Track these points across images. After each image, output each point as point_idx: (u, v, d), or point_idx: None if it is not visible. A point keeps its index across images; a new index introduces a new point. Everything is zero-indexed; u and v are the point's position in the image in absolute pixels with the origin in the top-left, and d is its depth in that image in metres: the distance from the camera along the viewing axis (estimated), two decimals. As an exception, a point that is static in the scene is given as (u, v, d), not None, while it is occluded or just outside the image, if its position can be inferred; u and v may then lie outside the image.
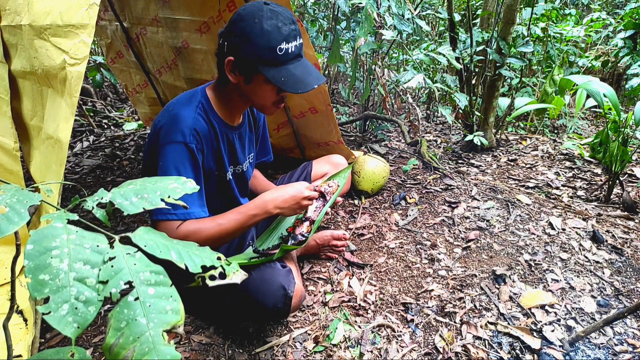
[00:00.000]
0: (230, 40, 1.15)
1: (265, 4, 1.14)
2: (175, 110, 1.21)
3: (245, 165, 1.49)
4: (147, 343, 0.48)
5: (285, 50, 1.14)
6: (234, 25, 1.14)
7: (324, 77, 1.28)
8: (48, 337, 1.38)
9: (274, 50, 1.12)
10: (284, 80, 1.16)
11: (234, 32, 1.14)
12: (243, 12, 1.14)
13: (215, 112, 1.29)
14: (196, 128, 1.19)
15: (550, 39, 3.76)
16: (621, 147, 2.11)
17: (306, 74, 1.20)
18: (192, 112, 1.21)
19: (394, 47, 3.51)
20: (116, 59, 2.83)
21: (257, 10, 1.12)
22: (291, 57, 1.17)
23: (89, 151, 3.12)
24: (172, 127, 1.18)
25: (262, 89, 1.21)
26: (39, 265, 0.49)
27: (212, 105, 1.28)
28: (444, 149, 3.12)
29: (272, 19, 1.11)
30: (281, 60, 1.15)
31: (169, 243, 0.60)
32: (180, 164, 1.17)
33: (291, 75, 1.17)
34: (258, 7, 1.13)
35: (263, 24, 1.10)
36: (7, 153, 1.27)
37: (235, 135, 1.38)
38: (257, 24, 1.10)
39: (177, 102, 1.26)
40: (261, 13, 1.11)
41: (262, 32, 1.10)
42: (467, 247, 1.84)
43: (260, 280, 1.26)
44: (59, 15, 1.08)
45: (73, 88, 1.05)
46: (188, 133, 1.18)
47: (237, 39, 1.14)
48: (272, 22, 1.11)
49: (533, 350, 1.31)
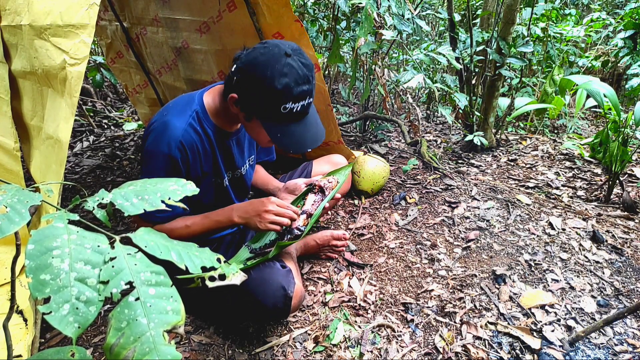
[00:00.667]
0: (240, 80, 1.12)
1: (285, 55, 1.08)
2: (167, 117, 1.21)
3: (244, 169, 1.49)
4: (148, 343, 0.48)
5: (289, 109, 1.11)
6: (248, 67, 1.10)
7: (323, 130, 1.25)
8: (48, 337, 1.38)
9: (278, 108, 1.10)
10: (279, 137, 1.16)
11: (245, 74, 1.11)
12: (260, 58, 1.09)
13: (211, 120, 1.28)
14: (183, 141, 1.20)
15: (550, 39, 3.77)
16: (621, 147, 2.11)
17: (305, 133, 1.18)
18: (184, 123, 1.21)
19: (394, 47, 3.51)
20: (116, 59, 2.83)
21: (274, 61, 1.07)
22: (295, 116, 1.14)
23: (89, 151, 3.12)
24: (161, 135, 1.19)
25: (259, 130, 1.20)
26: (40, 265, 0.49)
27: (208, 113, 1.27)
28: (444, 149, 3.12)
29: (287, 77, 1.07)
30: (283, 118, 1.13)
31: (169, 244, 0.60)
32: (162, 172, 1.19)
33: (289, 134, 1.16)
34: (277, 58, 1.07)
35: (275, 82, 1.06)
36: (7, 153, 1.27)
37: (232, 141, 1.38)
38: (269, 79, 1.06)
39: (173, 107, 1.25)
40: (277, 67, 1.06)
41: (271, 90, 1.07)
42: (467, 247, 1.84)
43: (260, 281, 1.26)
44: (59, 15, 1.08)
45: (73, 88, 1.05)
46: (174, 146, 1.18)
47: (246, 84, 1.11)
48: (284, 80, 1.07)
49: (533, 350, 1.31)
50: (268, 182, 1.72)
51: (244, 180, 1.51)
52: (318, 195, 1.49)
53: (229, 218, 1.30)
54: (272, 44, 1.12)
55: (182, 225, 1.29)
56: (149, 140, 1.20)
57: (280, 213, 1.28)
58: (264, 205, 1.28)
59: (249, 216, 1.29)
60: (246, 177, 1.52)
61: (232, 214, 1.30)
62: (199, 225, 1.30)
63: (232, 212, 1.31)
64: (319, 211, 1.43)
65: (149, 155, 1.20)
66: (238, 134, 1.40)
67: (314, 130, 1.22)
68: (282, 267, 1.35)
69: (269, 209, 1.28)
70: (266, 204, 1.29)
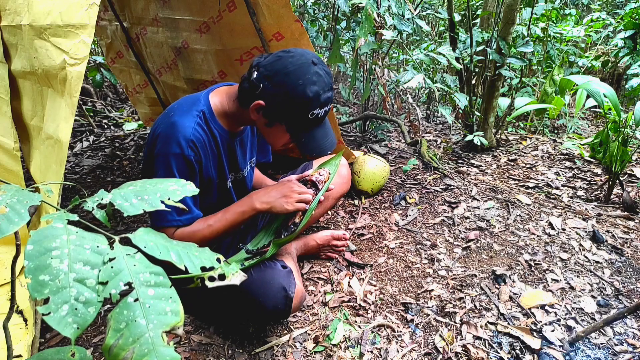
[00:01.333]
0: (267, 88, 1.13)
1: (313, 64, 1.12)
2: (174, 118, 1.19)
3: (246, 170, 1.49)
4: (147, 344, 0.48)
5: (315, 115, 1.16)
6: (277, 76, 1.11)
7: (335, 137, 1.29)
8: (48, 337, 1.38)
9: (307, 115, 1.15)
10: (304, 142, 1.20)
11: (276, 82, 1.12)
12: (290, 67, 1.11)
13: (218, 121, 1.26)
14: (193, 139, 1.17)
15: (550, 39, 3.76)
16: (621, 147, 2.11)
17: (324, 137, 1.24)
18: (191, 122, 1.19)
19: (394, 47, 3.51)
20: (116, 59, 2.83)
21: (305, 70, 1.11)
22: (319, 120, 1.20)
23: (89, 151, 3.12)
24: (170, 137, 1.16)
25: (279, 135, 1.22)
26: (39, 265, 0.49)
27: (214, 114, 1.25)
28: (444, 149, 3.12)
29: (316, 84, 1.11)
30: (309, 122, 1.18)
31: (168, 244, 0.60)
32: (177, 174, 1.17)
33: (312, 138, 1.21)
34: (306, 67, 1.11)
35: (306, 89, 1.10)
36: (7, 153, 1.27)
37: (237, 142, 1.37)
38: (301, 86, 1.10)
39: (178, 108, 1.23)
40: (308, 76, 1.10)
41: (303, 97, 1.11)
42: (467, 247, 1.84)
43: (260, 281, 1.26)
44: (59, 15, 1.08)
45: (73, 88, 1.05)
46: (185, 145, 1.16)
47: (276, 91, 1.12)
48: (315, 88, 1.11)
49: (533, 350, 1.31)
50: (262, 181, 1.73)
51: (245, 182, 1.51)
52: (311, 190, 1.48)
53: (251, 206, 1.27)
54: (297, 52, 1.15)
55: (205, 225, 1.24)
56: (157, 145, 1.16)
57: (302, 192, 1.31)
58: (289, 186, 1.30)
59: (273, 200, 1.28)
60: (247, 178, 1.52)
61: (253, 202, 1.27)
62: (222, 221, 1.25)
63: (253, 200, 1.28)
64: (313, 205, 1.42)
65: (160, 160, 1.16)
66: (242, 135, 1.39)
67: (331, 133, 1.27)
68: (283, 267, 1.35)
69: (294, 189, 1.29)
70: (289, 184, 1.31)
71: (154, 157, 1.17)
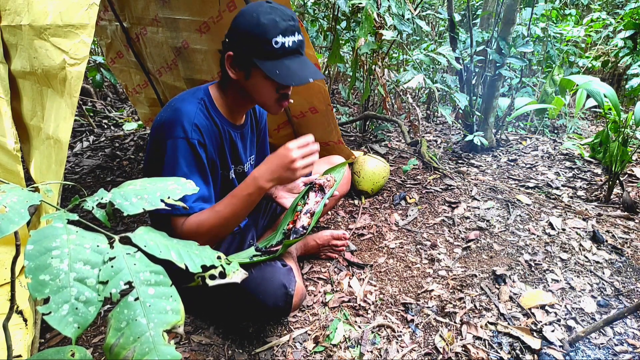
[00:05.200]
0: (230, 36, 1.19)
1: (267, 2, 1.17)
2: (177, 105, 1.22)
3: (247, 166, 1.49)
4: (148, 343, 0.48)
5: (281, 44, 1.15)
6: (235, 22, 1.18)
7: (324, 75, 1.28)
8: (48, 337, 1.38)
9: (270, 42, 1.14)
10: (278, 73, 1.15)
11: (234, 27, 1.18)
12: (244, 10, 1.18)
13: (218, 109, 1.29)
14: (197, 123, 1.19)
15: (550, 39, 3.76)
16: (621, 147, 2.11)
17: (303, 68, 1.19)
18: (194, 107, 1.21)
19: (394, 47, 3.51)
20: (116, 59, 2.82)
21: (257, 6, 1.16)
22: (288, 51, 1.17)
23: (89, 151, 3.12)
24: (174, 121, 1.18)
25: (262, 84, 1.21)
26: (39, 265, 0.49)
27: (215, 103, 1.29)
28: (444, 149, 3.12)
29: (271, 14, 1.14)
30: (277, 53, 1.16)
31: (169, 243, 0.60)
32: (183, 159, 1.17)
33: (286, 68, 1.17)
34: (258, 4, 1.17)
35: (260, 18, 1.14)
36: (7, 153, 1.26)
37: (237, 135, 1.38)
38: (255, 18, 1.14)
39: (179, 98, 1.26)
40: (260, 9, 1.15)
41: (259, 25, 1.13)
42: (467, 247, 1.84)
43: (261, 279, 1.26)
44: (59, 15, 1.08)
45: (73, 88, 1.05)
46: (189, 128, 1.17)
47: (236, 34, 1.17)
48: (269, 16, 1.14)
49: (533, 351, 1.31)
50: None
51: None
52: (319, 193, 1.50)
53: (257, 186, 1.20)
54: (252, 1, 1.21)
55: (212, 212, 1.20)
56: (163, 131, 1.17)
57: (305, 153, 1.22)
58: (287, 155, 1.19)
59: (278, 174, 1.20)
60: (248, 174, 1.52)
61: (258, 182, 1.20)
62: (230, 206, 1.20)
63: (257, 180, 1.20)
64: (320, 209, 1.44)
65: (166, 145, 1.16)
66: (243, 129, 1.41)
67: (312, 66, 1.23)
68: (283, 265, 1.35)
69: (294, 156, 1.19)
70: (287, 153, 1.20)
71: (160, 143, 1.17)
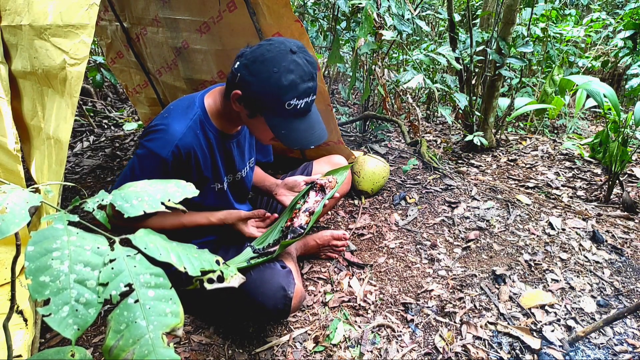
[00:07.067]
0: (244, 77, 1.12)
1: (291, 52, 1.09)
2: (169, 120, 1.21)
3: (244, 171, 1.49)
4: (147, 345, 0.48)
5: (294, 105, 1.12)
6: (254, 64, 1.10)
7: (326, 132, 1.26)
8: (48, 337, 1.38)
9: (283, 104, 1.11)
10: (283, 133, 1.15)
11: (251, 70, 1.11)
12: (267, 55, 1.09)
13: (212, 123, 1.27)
14: (179, 145, 1.19)
15: (550, 39, 3.76)
16: (621, 147, 2.11)
17: (309, 130, 1.18)
18: (183, 127, 1.21)
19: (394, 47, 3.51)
20: (116, 59, 2.82)
21: (280, 58, 1.08)
22: (300, 112, 1.15)
23: (89, 151, 3.12)
24: (159, 135, 1.19)
25: (262, 128, 1.20)
26: (39, 266, 0.49)
27: (209, 116, 1.27)
28: (444, 149, 3.12)
29: (292, 73, 1.08)
30: (287, 113, 1.13)
31: (169, 245, 0.60)
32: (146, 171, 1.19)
33: (293, 130, 1.16)
34: (283, 55, 1.08)
35: (281, 77, 1.07)
36: (7, 153, 1.26)
37: (233, 144, 1.37)
38: (276, 74, 1.07)
39: (174, 110, 1.25)
40: (284, 64, 1.08)
41: (277, 85, 1.08)
42: (467, 247, 1.84)
43: (260, 281, 1.26)
44: (59, 15, 1.08)
45: (73, 88, 1.05)
46: (169, 150, 1.18)
47: (251, 79, 1.11)
48: (290, 77, 1.08)
49: (533, 350, 1.31)
50: (264, 179, 1.72)
51: (244, 183, 1.51)
52: (319, 193, 1.50)
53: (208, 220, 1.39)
54: (277, 41, 1.12)
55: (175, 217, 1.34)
56: (146, 137, 1.22)
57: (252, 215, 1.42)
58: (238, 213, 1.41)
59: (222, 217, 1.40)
60: (246, 179, 1.52)
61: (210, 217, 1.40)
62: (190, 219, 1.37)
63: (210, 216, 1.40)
64: (319, 209, 1.44)
65: (141, 150, 1.20)
66: (238, 136, 1.39)
67: (317, 128, 1.22)
68: (282, 267, 1.35)
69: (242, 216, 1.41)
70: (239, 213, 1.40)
71: (140, 144, 1.22)
